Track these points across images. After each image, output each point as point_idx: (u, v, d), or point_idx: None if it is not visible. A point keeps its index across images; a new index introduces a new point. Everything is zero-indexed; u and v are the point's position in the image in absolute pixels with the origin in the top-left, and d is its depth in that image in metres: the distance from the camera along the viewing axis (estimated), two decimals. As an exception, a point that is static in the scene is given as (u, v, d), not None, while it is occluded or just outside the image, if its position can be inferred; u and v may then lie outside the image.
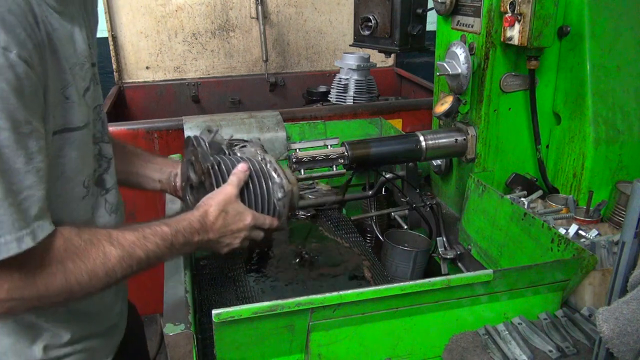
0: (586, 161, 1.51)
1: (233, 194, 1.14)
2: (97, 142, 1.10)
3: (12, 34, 0.77)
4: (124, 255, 0.94)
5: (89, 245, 0.90)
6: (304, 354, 1.04)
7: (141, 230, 0.98)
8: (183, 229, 1.04)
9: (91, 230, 0.94)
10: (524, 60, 1.48)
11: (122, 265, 0.93)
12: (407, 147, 1.55)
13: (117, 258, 0.93)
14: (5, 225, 0.78)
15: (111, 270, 0.92)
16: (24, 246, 0.80)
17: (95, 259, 0.90)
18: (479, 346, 1.07)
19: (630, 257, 0.84)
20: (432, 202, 1.64)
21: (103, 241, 0.92)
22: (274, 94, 3.61)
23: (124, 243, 0.94)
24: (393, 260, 1.56)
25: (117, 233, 0.95)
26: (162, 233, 1.00)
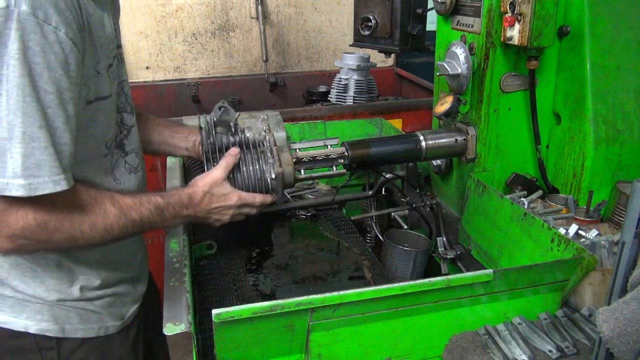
0: (586, 161, 1.51)
1: (220, 177, 1.29)
2: (120, 112, 1.25)
3: (62, 16, 0.95)
4: (121, 214, 1.10)
5: (93, 202, 1.07)
6: (304, 354, 1.04)
7: (138, 197, 1.16)
8: (174, 202, 1.22)
9: (97, 190, 1.11)
10: (524, 60, 1.48)
11: (119, 223, 1.10)
12: (407, 147, 1.55)
13: (115, 216, 1.09)
14: (45, 168, 0.95)
15: (109, 226, 1.09)
16: (59, 188, 0.97)
17: (97, 213, 1.07)
18: (479, 346, 1.07)
19: (630, 257, 0.84)
20: (432, 202, 1.64)
21: (105, 200, 1.09)
22: (274, 94, 3.61)
23: (122, 204, 1.11)
24: (393, 260, 1.56)
25: (118, 196, 1.12)
26: (155, 202, 1.18)
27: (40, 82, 0.93)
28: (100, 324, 1.26)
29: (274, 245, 1.61)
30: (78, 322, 1.22)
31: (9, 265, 1.15)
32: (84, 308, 1.23)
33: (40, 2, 0.92)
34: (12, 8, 0.90)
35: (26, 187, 0.94)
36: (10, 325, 1.16)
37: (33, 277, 1.16)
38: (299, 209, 1.77)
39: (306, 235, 1.67)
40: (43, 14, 0.92)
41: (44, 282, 1.17)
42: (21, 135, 0.93)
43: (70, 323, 1.21)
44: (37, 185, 0.95)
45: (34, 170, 0.94)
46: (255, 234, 1.67)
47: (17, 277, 1.16)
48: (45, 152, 0.95)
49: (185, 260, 1.21)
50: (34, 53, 0.92)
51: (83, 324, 1.23)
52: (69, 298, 1.20)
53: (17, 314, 1.17)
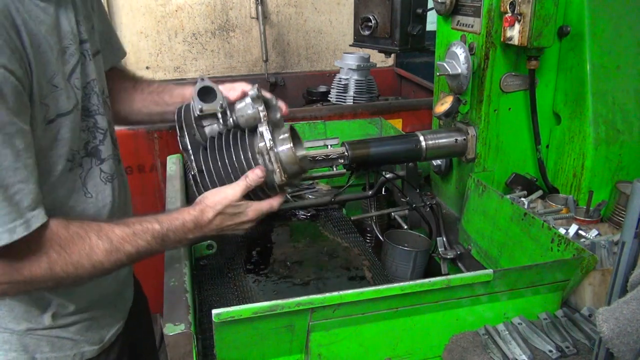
0: (586, 161, 1.51)
1: (236, 198, 1.14)
2: (93, 115, 1.14)
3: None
4: (112, 249, 0.99)
5: (75, 238, 0.96)
6: (304, 354, 1.04)
7: (132, 226, 1.03)
8: (175, 229, 1.08)
9: (81, 223, 0.99)
10: (524, 60, 1.48)
11: (110, 259, 0.99)
12: (407, 147, 1.55)
13: (104, 252, 0.98)
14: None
15: (98, 263, 0.98)
16: (15, 236, 0.87)
17: (80, 250, 0.96)
18: (479, 346, 1.07)
19: (630, 257, 0.84)
20: (432, 202, 1.64)
21: (91, 234, 0.98)
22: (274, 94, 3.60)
23: (112, 238, 1.00)
24: (393, 260, 1.56)
25: (108, 228, 1.01)
26: (153, 231, 1.05)
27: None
28: (76, 350, 1.18)
29: (274, 245, 1.61)
30: (50, 350, 1.15)
31: None
32: (57, 336, 1.15)
33: None
34: None
35: None
36: None
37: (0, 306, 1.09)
38: (299, 209, 1.77)
39: (306, 235, 1.67)
40: None
41: (12, 310, 1.09)
42: None
43: (41, 352, 1.14)
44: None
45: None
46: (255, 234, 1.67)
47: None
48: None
49: (185, 260, 1.21)
50: None
51: (56, 352, 1.15)
52: (40, 327, 1.12)
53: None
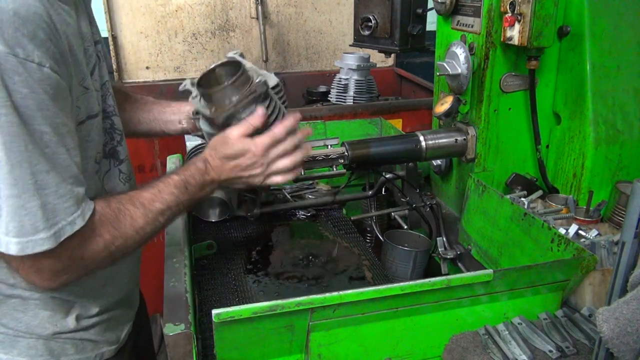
0: (586, 161, 1.51)
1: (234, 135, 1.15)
2: (110, 117, 1.18)
3: (43, 48, 0.86)
4: (146, 212, 1.05)
5: (117, 212, 1.02)
6: (304, 354, 1.04)
7: (155, 185, 1.09)
8: (192, 174, 1.13)
9: (116, 197, 1.06)
10: (524, 60, 1.48)
11: (148, 222, 1.06)
12: (407, 147, 1.55)
13: (142, 216, 1.05)
14: (61, 212, 0.91)
15: (140, 229, 1.04)
16: (76, 227, 0.93)
17: (125, 222, 1.03)
18: (479, 346, 1.07)
19: (630, 257, 0.84)
20: (432, 202, 1.64)
21: (127, 205, 1.04)
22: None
23: (143, 202, 1.06)
24: (393, 260, 1.56)
25: (136, 194, 1.07)
26: (173, 182, 1.11)
27: (34, 125, 0.87)
28: (96, 352, 1.20)
29: (274, 245, 1.61)
30: (74, 352, 1.16)
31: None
32: (81, 338, 1.17)
33: (17, 39, 0.83)
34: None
35: (51, 239, 0.91)
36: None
37: (24, 312, 1.09)
38: (299, 209, 1.77)
39: (306, 235, 1.67)
40: (22, 51, 0.83)
41: (36, 316, 1.10)
42: (33, 187, 0.88)
43: (66, 355, 1.15)
44: (59, 232, 0.92)
45: (52, 218, 0.91)
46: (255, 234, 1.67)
47: (6, 314, 1.09)
48: (57, 196, 0.91)
49: (185, 260, 1.21)
50: (22, 96, 0.84)
51: (79, 354, 1.17)
52: (65, 330, 1.13)
53: (8, 351, 1.10)
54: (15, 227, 0.88)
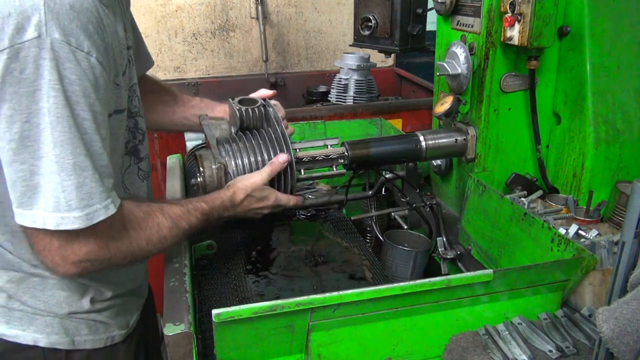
0: (586, 161, 1.51)
1: (262, 183, 1.32)
2: (134, 117, 1.25)
3: (91, 40, 0.94)
4: (173, 226, 1.14)
5: (146, 216, 1.10)
6: (304, 354, 1.04)
7: (185, 205, 1.20)
8: (217, 207, 1.26)
9: (146, 203, 1.15)
10: (524, 60, 1.48)
11: (172, 234, 1.14)
12: (407, 147, 1.55)
13: (168, 228, 1.13)
14: (96, 196, 0.97)
15: (163, 238, 1.12)
16: (109, 212, 0.99)
17: (151, 228, 1.10)
18: (479, 346, 1.07)
19: (630, 257, 0.84)
20: (432, 202, 1.64)
21: (157, 213, 1.13)
22: (274, 94, 3.60)
23: (172, 216, 1.15)
24: (393, 260, 1.56)
25: (167, 207, 1.16)
26: (202, 209, 1.22)
27: (77, 109, 0.93)
28: (108, 334, 1.26)
29: (273, 245, 1.61)
30: (87, 333, 1.22)
31: (19, 279, 1.14)
32: (94, 319, 1.23)
33: (71, 29, 0.91)
34: (44, 37, 0.88)
35: (83, 219, 0.96)
36: (19, 339, 1.15)
37: (43, 291, 1.16)
38: (299, 209, 1.77)
39: (306, 235, 1.67)
40: (75, 40, 0.91)
41: (54, 295, 1.16)
42: (72, 166, 0.93)
43: (80, 335, 1.21)
44: (92, 215, 0.97)
45: (87, 200, 0.96)
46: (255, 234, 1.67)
47: (27, 291, 1.15)
48: (93, 180, 0.96)
49: (185, 260, 1.21)
50: (70, 82, 0.92)
51: (92, 335, 1.23)
52: (80, 310, 1.20)
53: (26, 327, 1.16)
54: (53, 203, 0.94)
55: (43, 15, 0.88)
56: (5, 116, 0.90)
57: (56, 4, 0.89)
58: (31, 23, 0.88)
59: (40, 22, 0.88)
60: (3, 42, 0.88)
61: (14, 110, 0.90)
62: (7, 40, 0.88)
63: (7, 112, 0.90)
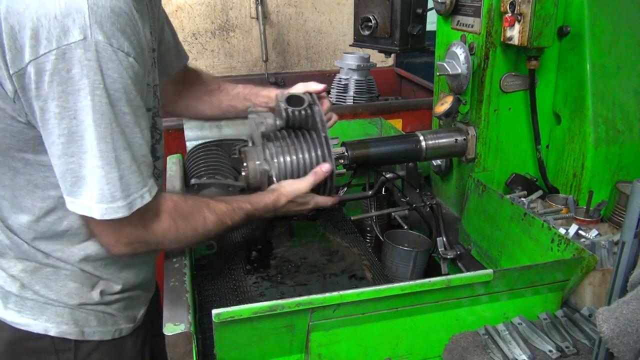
0: (586, 161, 1.51)
1: (306, 190, 1.35)
2: (153, 117, 1.27)
3: (129, 41, 1.00)
4: (218, 221, 1.20)
5: (193, 210, 1.18)
6: (304, 354, 1.04)
7: (231, 204, 1.25)
8: (260, 209, 1.30)
9: (194, 198, 1.24)
10: (524, 60, 1.48)
11: (216, 229, 1.20)
12: (407, 147, 1.55)
13: (213, 223, 1.19)
14: (132, 186, 1.04)
15: (208, 231, 1.19)
16: (144, 201, 1.06)
17: (197, 220, 1.17)
18: (479, 346, 1.07)
19: (630, 257, 0.84)
20: (432, 202, 1.64)
21: (204, 208, 1.19)
22: (274, 94, 3.60)
23: (218, 212, 1.21)
24: (393, 260, 1.56)
25: (214, 203, 1.22)
26: (246, 209, 1.26)
27: (119, 105, 0.99)
28: (116, 327, 1.28)
29: (274, 245, 1.61)
30: (96, 324, 1.24)
31: (33, 269, 1.18)
32: (103, 311, 1.25)
33: (112, 31, 0.96)
34: (89, 39, 0.94)
35: (126, 208, 1.03)
36: (30, 328, 1.18)
37: (56, 281, 1.19)
38: None
39: (306, 235, 1.67)
40: (116, 42, 0.97)
41: (65, 286, 1.20)
42: (114, 160, 1.00)
43: (89, 326, 1.23)
44: (132, 203, 1.04)
45: (127, 190, 1.03)
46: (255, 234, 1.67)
47: (39, 281, 1.18)
48: (130, 171, 1.03)
49: (185, 260, 1.21)
50: (113, 80, 0.97)
51: (101, 327, 1.25)
52: (90, 302, 1.23)
53: (37, 317, 1.19)
54: (98, 194, 1.01)
55: (87, 18, 0.93)
56: (54, 113, 0.96)
57: (99, 8, 0.94)
58: (76, 25, 0.93)
59: (85, 25, 0.93)
60: (51, 44, 0.93)
61: (62, 107, 0.96)
62: (54, 42, 0.92)
63: (55, 110, 0.96)
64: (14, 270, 1.18)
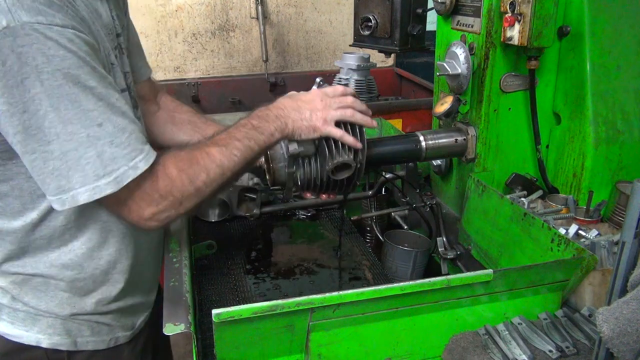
0: (586, 161, 1.51)
1: None
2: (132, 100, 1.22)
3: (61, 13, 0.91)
4: (221, 148, 1.12)
5: (194, 152, 1.10)
6: (304, 354, 1.04)
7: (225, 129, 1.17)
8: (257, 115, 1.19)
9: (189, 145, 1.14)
10: (524, 60, 1.48)
11: (226, 155, 1.12)
12: (407, 147, 1.55)
13: (219, 152, 1.11)
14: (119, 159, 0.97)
15: (219, 162, 1.11)
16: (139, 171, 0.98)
17: (203, 158, 1.10)
18: (479, 346, 1.07)
19: (630, 257, 0.84)
20: (432, 202, 1.64)
21: (201, 145, 1.12)
22: (274, 94, 3.60)
23: (216, 141, 1.13)
24: (393, 260, 1.56)
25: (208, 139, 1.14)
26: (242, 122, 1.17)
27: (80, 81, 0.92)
28: (111, 335, 1.25)
29: (274, 245, 1.61)
30: (90, 334, 1.22)
31: (22, 280, 1.14)
32: (97, 321, 1.22)
33: (37, 8, 0.88)
34: (13, 24, 0.86)
35: (113, 183, 0.97)
36: (23, 339, 1.16)
37: (45, 292, 1.16)
38: (299, 209, 1.77)
39: (306, 235, 1.67)
40: (45, 18, 0.89)
41: (56, 296, 1.16)
42: (86, 139, 0.94)
43: (82, 336, 1.21)
44: (121, 177, 0.97)
45: (112, 165, 0.96)
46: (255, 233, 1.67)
47: (28, 292, 1.15)
48: (112, 145, 0.96)
49: (185, 260, 1.21)
50: (61, 58, 0.90)
51: (95, 337, 1.23)
52: (82, 312, 1.19)
53: (29, 328, 1.16)
54: (80, 177, 0.95)
55: (4, 2, 0.86)
56: (2, 112, 0.90)
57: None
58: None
59: (3, 10, 0.86)
60: None
61: (9, 104, 0.90)
62: None
63: (3, 107, 0.90)
64: (3, 282, 1.15)
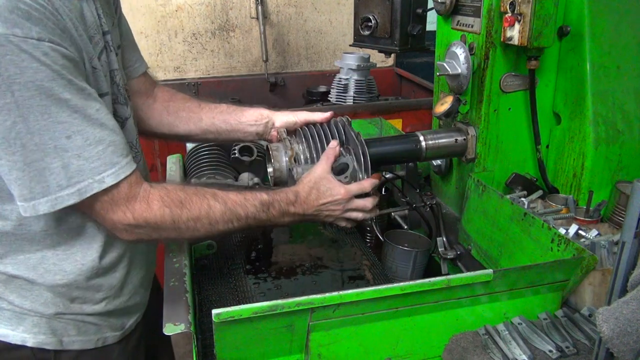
0: (586, 161, 1.51)
1: (324, 171, 1.24)
2: (113, 103, 1.22)
3: (40, 26, 0.91)
4: (226, 210, 1.12)
5: (194, 197, 1.10)
6: (304, 354, 1.04)
7: (243, 193, 1.16)
8: (280, 199, 1.19)
9: (196, 187, 1.15)
10: (524, 60, 1.48)
11: (224, 219, 1.12)
12: (407, 147, 1.55)
13: (220, 212, 1.11)
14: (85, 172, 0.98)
15: (214, 221, 1.11)
16: (104, 185, 1.00)
17: (200, 208, 1.10)
18: (479, 346, 1.07)
19: (630, 257, 0.84)
20: (432, 202, 1.64)
21: (208, 196, 1.12)
22: (274, 94, 3.61)
23: (227, 201, 1.13)
24: (393, 260, 1.56)
25: (221, 192, 1.14)
26: (261, 198, 1.17)
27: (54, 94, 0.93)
28: (99, 335, 1.24)
29: (273, 245, 1.61)
30: (76, 334, 1.21)
31: (6, 279, 1.14)
32: (83, 320, 1.21)
33: (14, 20, 0.88)
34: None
35: (76, 194, 0.98)
36: (8, 338, 1.15)
37: (30, 291, 1.15)
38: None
39: (306, 235, 1.67)
40: (21, 30, 0.89)
41: (41, 295, 1.16)
42: (53, 150, 0.95)
43: (68, 335, 1.20)
44: (84, 189, 0.98)
45: (77, 177, 0.98)
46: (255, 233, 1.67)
47: (13, 291, 1.15)
48: (80, 159, 0.97)
49: (185, 260, 1.21)
50: (34, 70, 0.90)
51: (81, 336, 1.22)
52: (67, 311, 1.18)
53: (15, 327, 1.16)
54: (42, 188, 0.96)
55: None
56: None
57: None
58: None
59: None
60: None
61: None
62: None
63: None
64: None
